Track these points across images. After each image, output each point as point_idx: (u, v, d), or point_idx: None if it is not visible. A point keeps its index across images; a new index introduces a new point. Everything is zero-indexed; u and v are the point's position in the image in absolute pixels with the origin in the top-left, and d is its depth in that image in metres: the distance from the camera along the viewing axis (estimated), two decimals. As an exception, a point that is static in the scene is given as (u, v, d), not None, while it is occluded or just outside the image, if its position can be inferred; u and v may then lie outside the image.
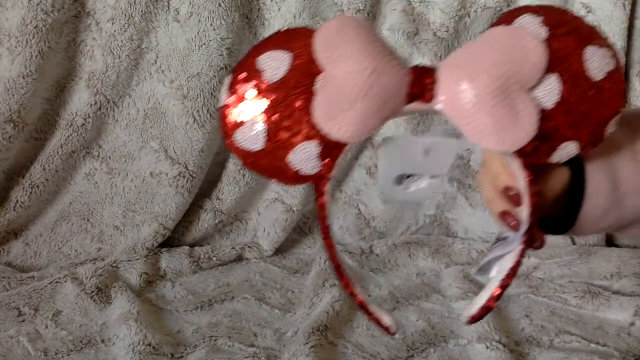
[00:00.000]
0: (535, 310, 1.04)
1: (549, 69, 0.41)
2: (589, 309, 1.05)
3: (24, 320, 0.94)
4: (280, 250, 1.23)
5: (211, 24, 1.14)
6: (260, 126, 0.42)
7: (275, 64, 0.41)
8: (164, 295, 1.06)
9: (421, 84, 0.41)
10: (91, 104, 1.15)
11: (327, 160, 0.42)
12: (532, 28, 0.42)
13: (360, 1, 1.18)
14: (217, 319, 0.99)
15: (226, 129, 0.43)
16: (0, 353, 0.87)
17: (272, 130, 0.41)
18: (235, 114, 0.42)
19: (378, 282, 1.13)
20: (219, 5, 1.14)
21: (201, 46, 1.15)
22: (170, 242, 1.21)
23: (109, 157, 1.19)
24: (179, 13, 1.15)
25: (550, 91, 0.41)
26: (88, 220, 1.18)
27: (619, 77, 0.42)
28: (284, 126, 0.41)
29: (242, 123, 0.42)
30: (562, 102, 0.41)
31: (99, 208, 1.19)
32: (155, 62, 1.16)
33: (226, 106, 0.42)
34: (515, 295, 1.09)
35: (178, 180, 1.17)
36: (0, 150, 1.10)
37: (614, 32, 1.22)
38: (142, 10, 1.13)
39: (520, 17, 0.43)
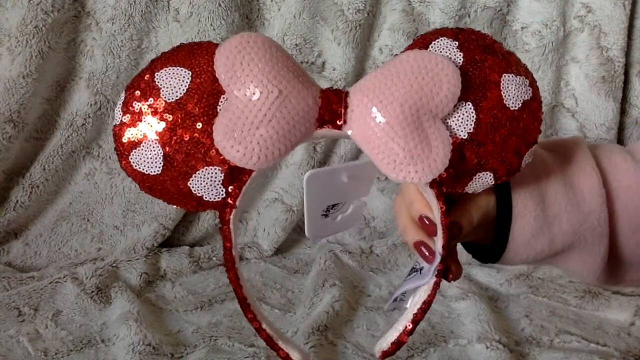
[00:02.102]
0: (535, 310, 1.04)
1: (464, 97, 0.39)
2: (589, 309, 1.05)
3: (24, 320, 0.94)
4: (280, 250, 1.23)
5: (211, 24, 1.14)
6: (157, 149, 0.38)
7: (173, 82, 0.38)
8: (164, 295, 1.06)
9: (331, 109, 0.39)
10: (91, 104, 1.15)
11: (232, 187, 0.40)
12: (447, 53, 0.40)
13: (360, 1, 1.18)
14: (217, 319, 0.99)
15: (121, 150, 0.39)
16: (0, 353, 0.87)
17: (170, 154, 0.38)
18: (131, 134, 0.39)
19: (378, 282, 1.13)
20: (219, 5, 1.14)
21: (201, 46, 1.15)
22: (170, 242, 1.21)
23: (109, 157, 1.19)
24: (179, 13, 1.15)
25: (464, 120, 0.39)
26: (88, 220, 1.18)
27: (536, 106, 0.41)
28: (184, 150, 0.38)
29: (138, 144, 0.39)
30: (476, 131, 0.39)
31: (99, 208, 1.19)
32: (155, 62, 1.16)
33: (121, 125, 0.39)
34: (515, 295, 1.09)
35: (178, 180, 1.17)
36: (0, 150, 1.10)
37: (614, 32, 1.23)
38: (142, 10, 1.14)
39: (436, 40, 0.40)
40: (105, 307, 0.99)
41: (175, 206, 0.41)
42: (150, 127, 0.39)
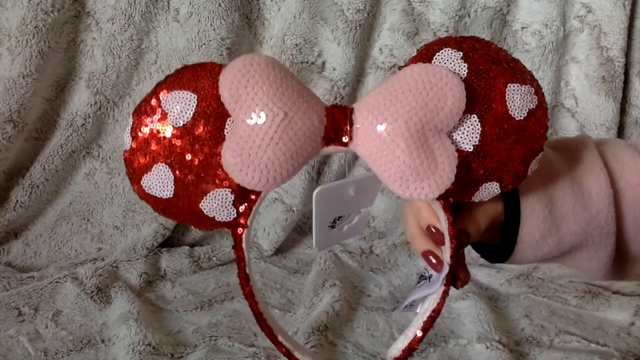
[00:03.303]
0: (535, 310, 1.04)
1: (469, 109, 0.39)
2: (589, 309, 1.05)
3: (24, 320, 0.94)
4: (280, 250, 1.23)
5: (211, 24, 1.14)
6: (168, 173, 0.39)
7: (180, 107, 0.39)
8: (164, 295, 1.06)
9: (337, 127, 0.39)
10: (91, 104, 1.15)
11: (242, 207, 0.40)
12: (451, 65, 0.40)
13: (360, 1, 1.18)
14: (217, 319, 0.99)
15: (132, 175, 0.40)
16: (0, 353, 0.87)
17: (180, 178, 0.39)
18: (141, 159, 0.40)
19: (378, 282, 1.13)
20: (219, 5, 1.14)
21: (201, 46, 1.15)
22: (170, 242, 1.21)
23: (109, 157, 1.19)
24: (179, 13, 1.15)
25: (469, 133, 0.39)
26: (88, 220, 1.18)
27: (542, 114, 0.41)
28: (193, 173, 0.39)
29: (149, 169, 0.40)
30: (482, 143, 0.39)
31: (99, 208, 1.19)
32: (155, 62, 1.16)
33: (131, 150, 0.40)
34: (515, 295, 1.09)
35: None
36: (0, 150, 1.10)
37: (614, 32, 1.23)
38: (142, 10, 1.13)
39: (440, 51, 0.40)
40: (105, 307, 0.99)
41: (190, 226, 0.42)
42: (159, 152, 0.39)
